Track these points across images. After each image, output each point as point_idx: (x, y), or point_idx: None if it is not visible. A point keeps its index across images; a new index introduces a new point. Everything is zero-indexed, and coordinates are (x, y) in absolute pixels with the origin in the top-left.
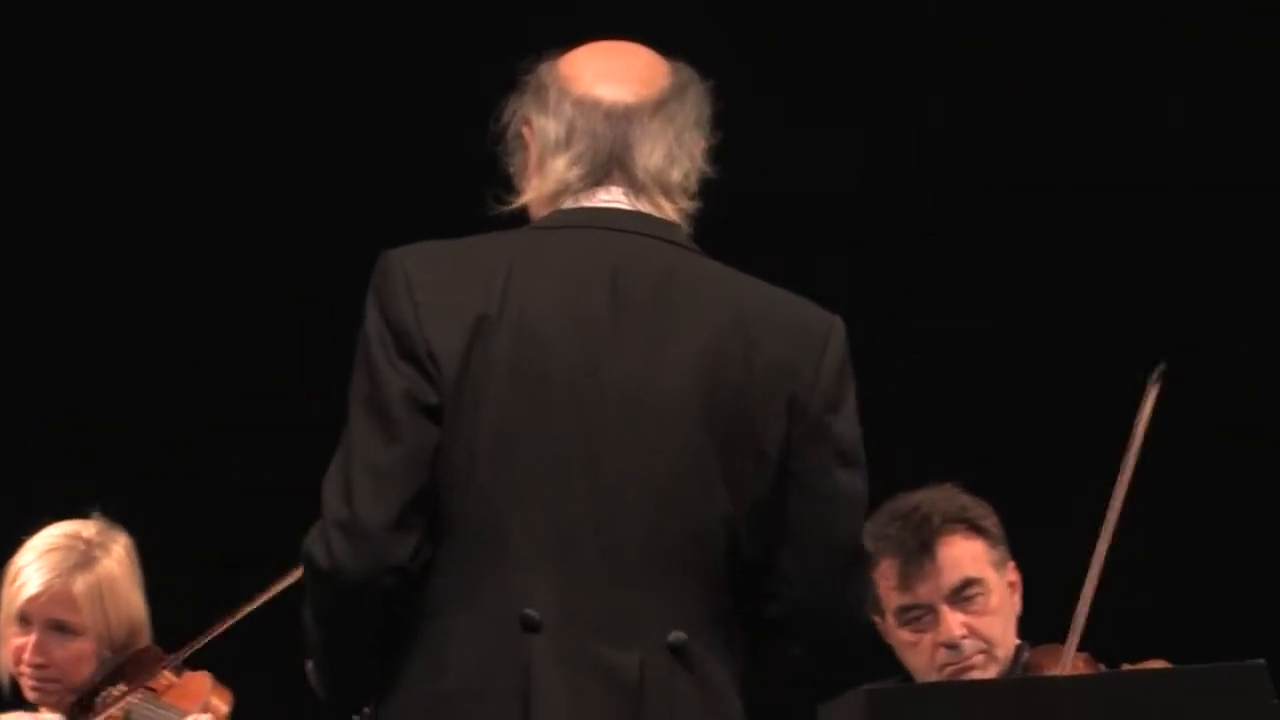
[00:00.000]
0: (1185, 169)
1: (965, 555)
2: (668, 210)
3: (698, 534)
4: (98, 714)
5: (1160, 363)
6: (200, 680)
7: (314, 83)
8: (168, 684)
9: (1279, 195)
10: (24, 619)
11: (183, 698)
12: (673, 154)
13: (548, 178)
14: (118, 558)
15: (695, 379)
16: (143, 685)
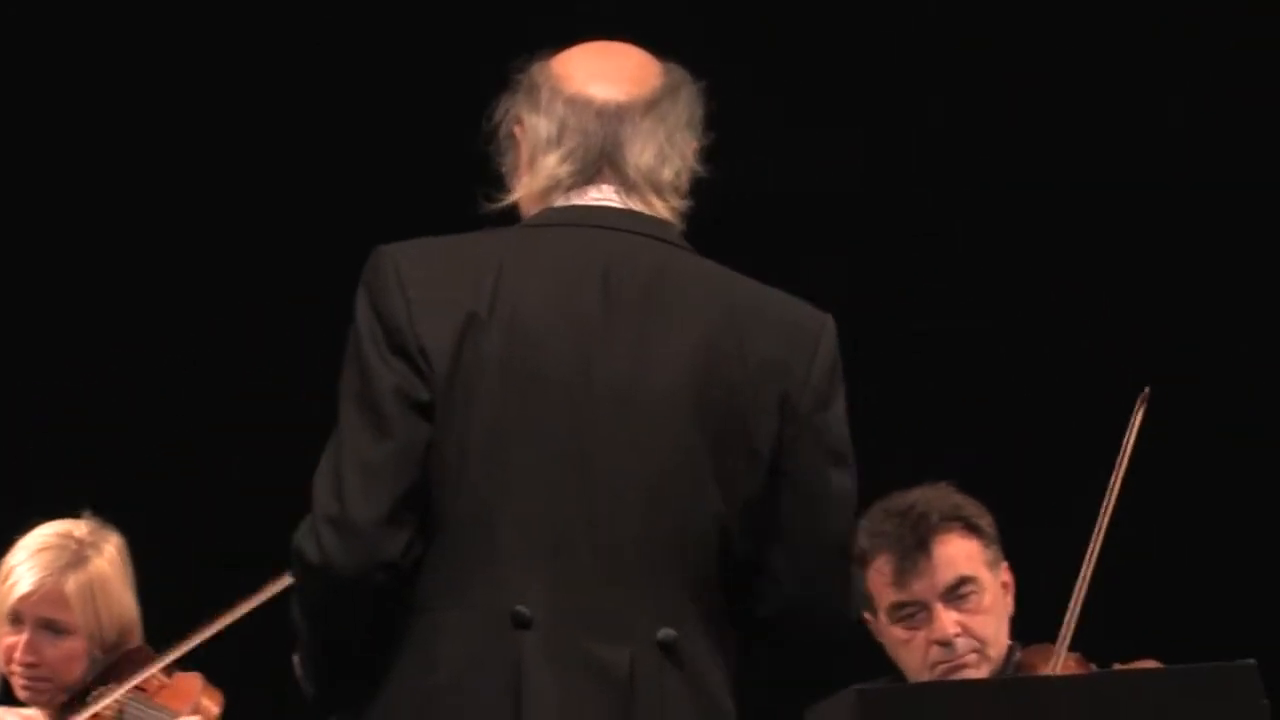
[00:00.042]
0: (1185, 169)
1: (960, 554)
2: (659, 208)
3: (689, 532)
4: (88, 713)
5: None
6: (191, 681)
7: (313, 83)
8: (159, 684)
9: (1279, 195)
10: (15, 618)
11: (174, 698)
12: (664, 153)
13: (538, 175)
14: (109, 557)
15: (687, 377)
16: (133, 685)
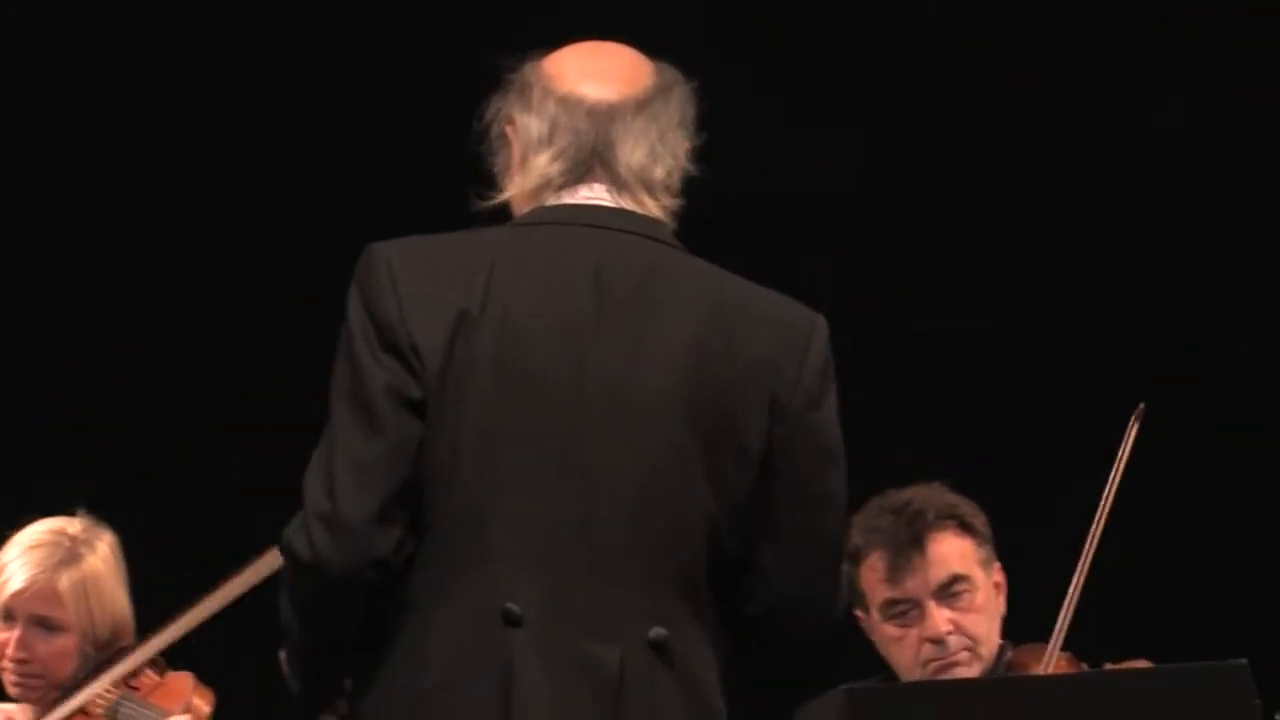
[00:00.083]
0: (1185, 169)
1: (954, 552)
2: (651, 207)
3: (680, 531)
4: (79, 710)
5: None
6: (182, 680)
7: (313, 83)
8: (151, 683)
9: (1279, 195)
10: (8, 614)
11: (165, 697)
12: (655, 152)
13: (530, 174)
14: (103, 555)
15: (679, 376)
16: (125, 682)
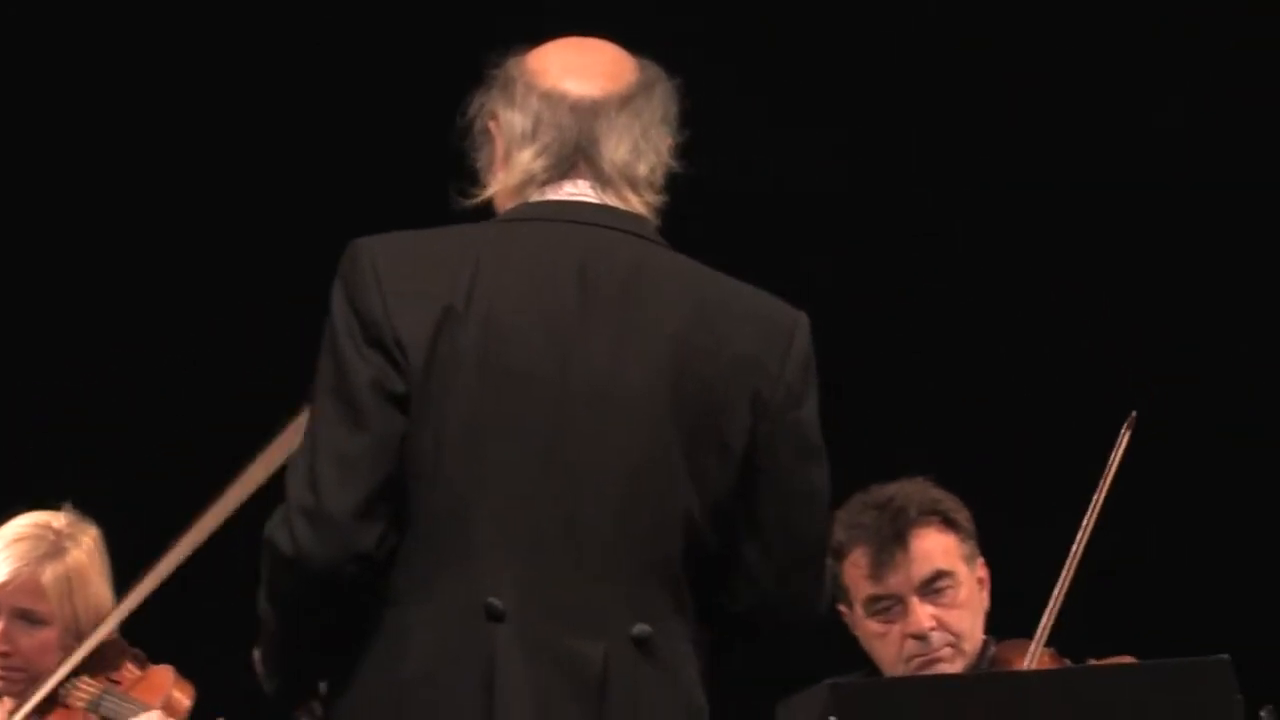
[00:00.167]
0: (1185, 169)
1: (937, 548)
2: (634, 204)
3: (663, 527)
4: (60, 703)
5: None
6: (163, 674)
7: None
8: (132, 678)
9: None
10: None
11: (146, 691)
12: (639, 148)
13: (513, 170)
14: (87, 549)
15: (662, 372)
16: (107, 677)
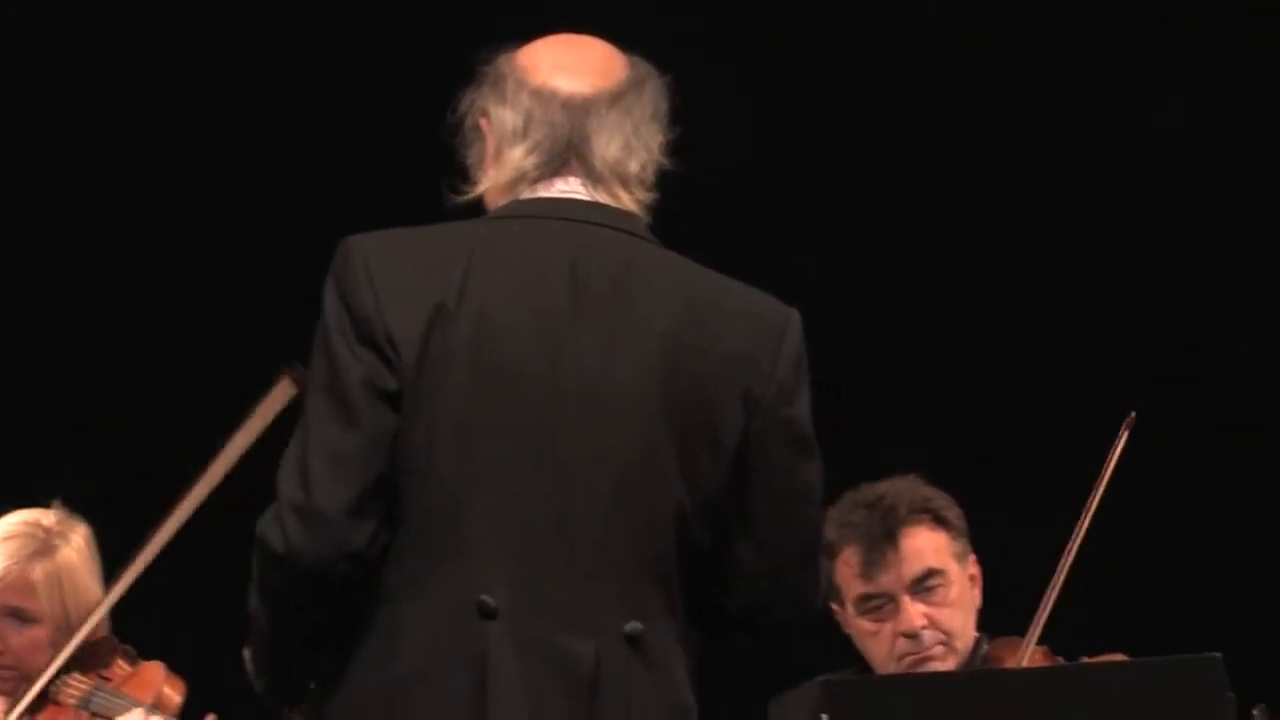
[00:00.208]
0: (1185, 169)
1: (928, 546)
2: (625, 201)
3: (654, 524)
4: (51, 700)
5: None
6: (153, 670)
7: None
8: (123, 674)
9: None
10: None
11: (137, 687)
12: (630, 145)
13: (504, 167)
14: (77, 547)
15: (653, 370)
16: (98, 674)
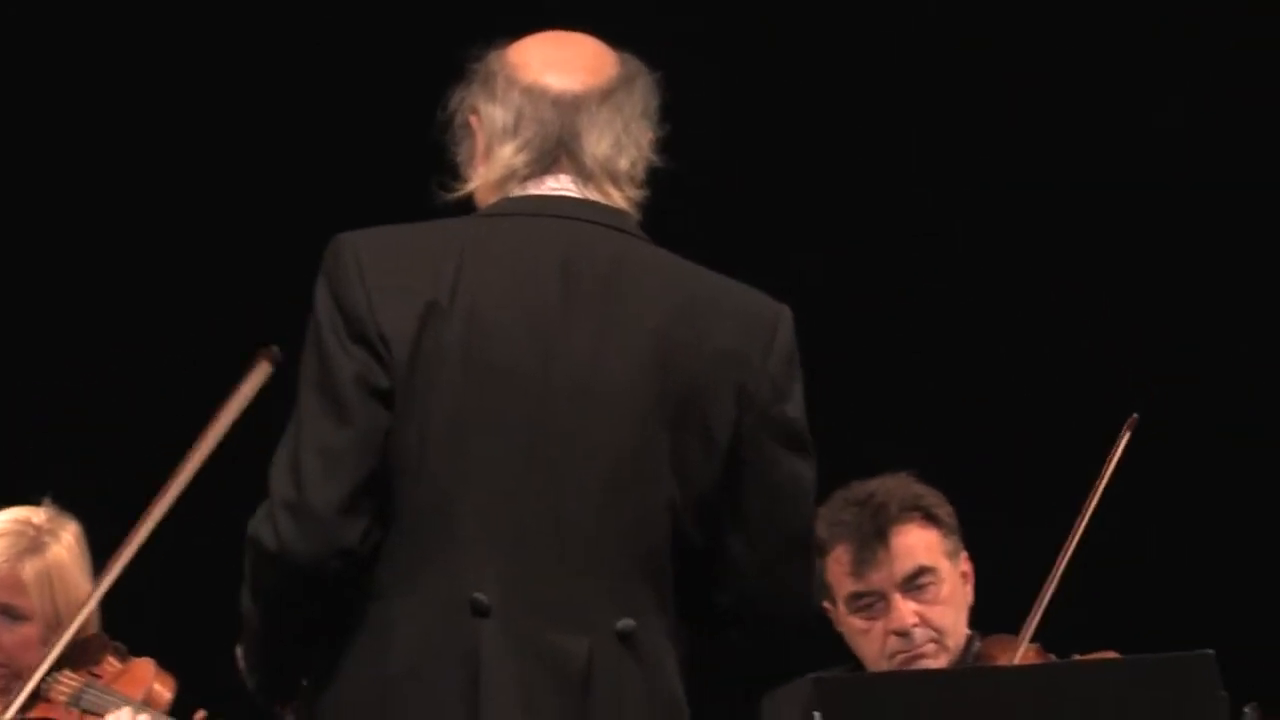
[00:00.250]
0: (1185, 169)
1: (919, 544)
2: (616, 198)
3: (646, 521)
4: (42, 698)
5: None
6: (144, 667)
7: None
8: (113, 671)
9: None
10: None
11: (128, 684)
12: (621, 143)
13: (495, 164)
14: (67, 544)
15: (645, 367)
16: (88, 671)
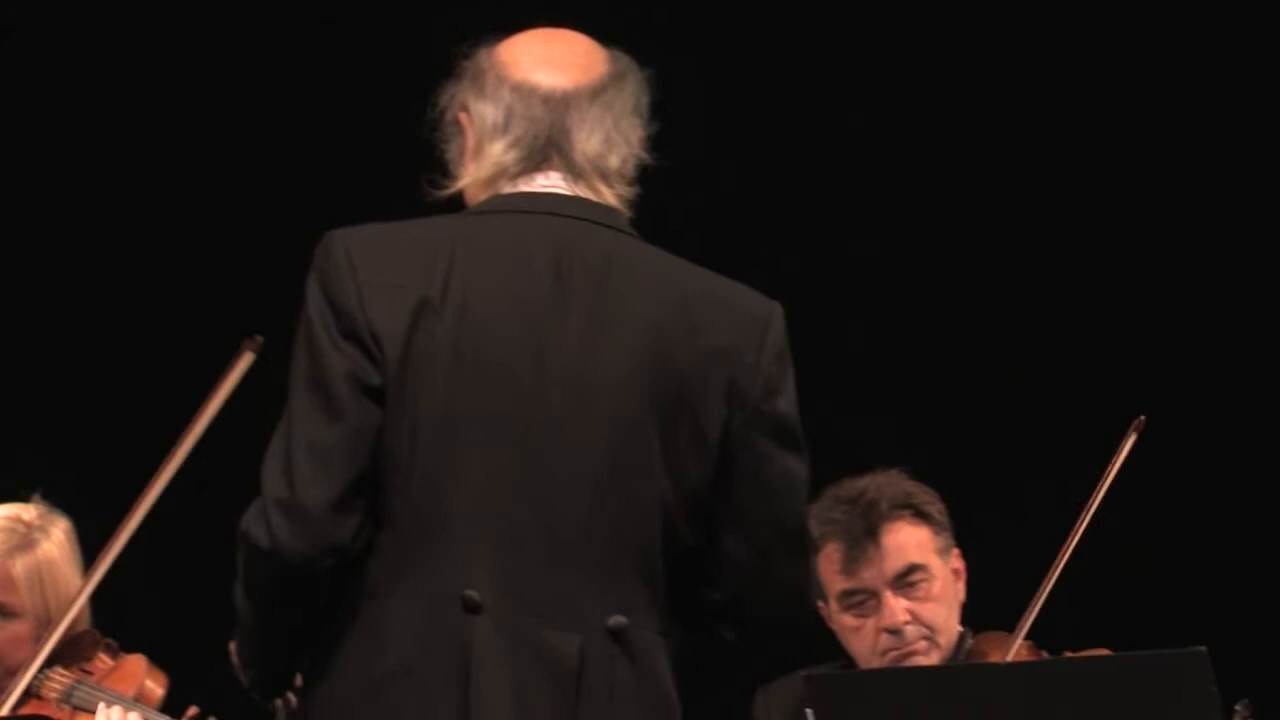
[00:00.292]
0: (1185, 169)
1: (910, 541)
2: (606, 195)
3: (637, 517)
4: (33, 695)
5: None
6: (135, 664)
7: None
8: (104, 667)
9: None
10: None
11: (119, 681)
12: (611, 140)
13: (485, 162)
14: (58, 541)
15: (637, 363)
16: (80, 667)
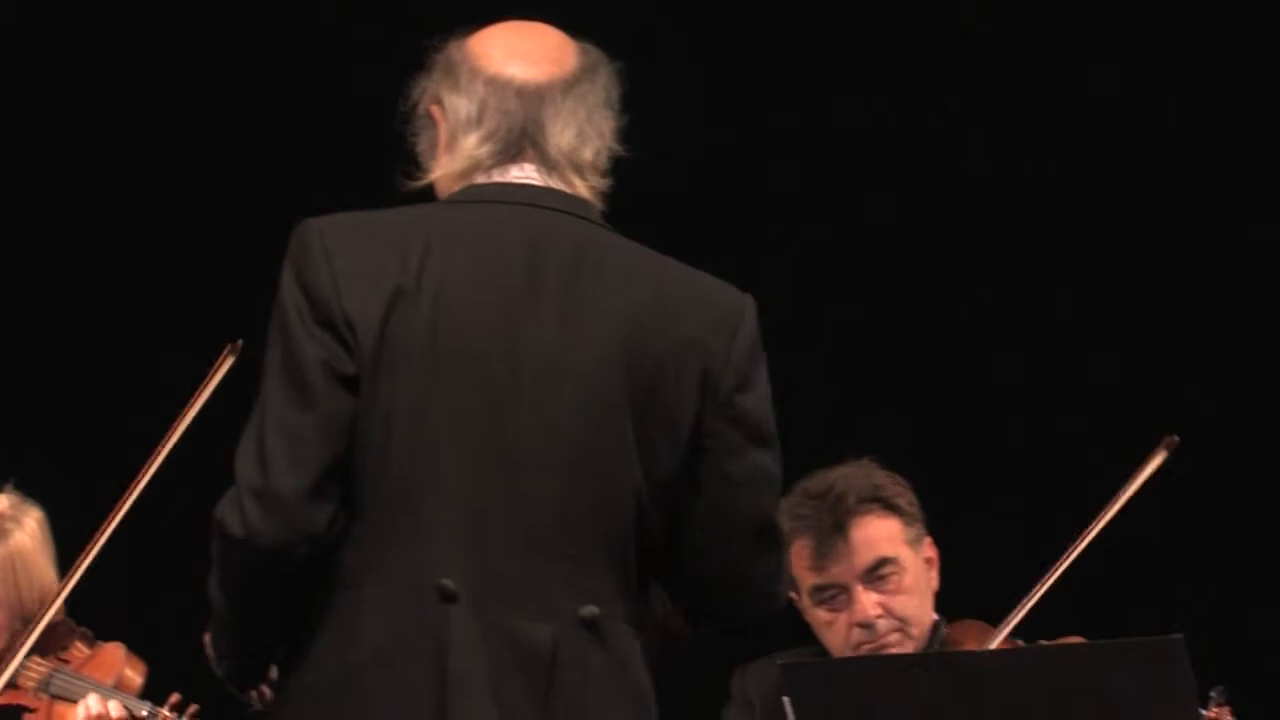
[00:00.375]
0: (1185, 169)
1: (879, 535)
2: (580, 188)
3: (610, 507)
4: (10, 684)
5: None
6: (114, 652)
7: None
8: (82, 656)
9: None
10: None
11: (97, 669)
12: (584, 133)
13: (459, 155)
14: (30, 531)
15: (611, 354)
16: (57, 655)
